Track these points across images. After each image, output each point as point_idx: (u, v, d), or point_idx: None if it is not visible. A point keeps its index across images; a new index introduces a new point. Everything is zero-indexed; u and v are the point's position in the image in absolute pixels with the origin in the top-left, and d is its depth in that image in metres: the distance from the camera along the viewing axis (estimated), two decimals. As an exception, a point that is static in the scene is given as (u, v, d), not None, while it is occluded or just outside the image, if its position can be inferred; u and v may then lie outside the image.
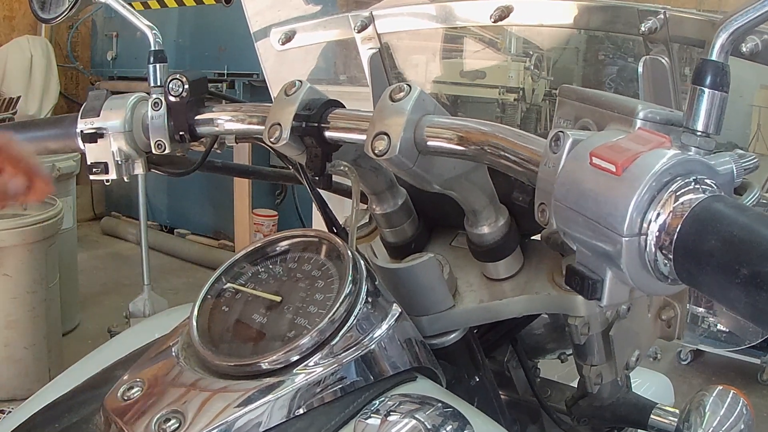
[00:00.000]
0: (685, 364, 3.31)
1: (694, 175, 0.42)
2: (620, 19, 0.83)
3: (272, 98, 0.73)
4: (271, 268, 0.65)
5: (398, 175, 0.63)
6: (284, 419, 0.55)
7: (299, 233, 0.66)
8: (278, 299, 0.61)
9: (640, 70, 0.82)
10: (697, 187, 0.42)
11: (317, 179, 0.67)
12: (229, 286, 0.65)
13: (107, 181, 0.79)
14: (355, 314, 0.58)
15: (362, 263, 0.61)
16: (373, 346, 0.58)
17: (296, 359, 0.56)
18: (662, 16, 0.77)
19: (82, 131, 0.77)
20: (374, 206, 0.75)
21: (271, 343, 0.58)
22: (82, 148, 0.78)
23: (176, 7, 4.28)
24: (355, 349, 0.57)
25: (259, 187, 4.20)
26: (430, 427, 0.51)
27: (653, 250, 0.42)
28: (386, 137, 0.57)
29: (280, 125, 0.65)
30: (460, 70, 2.51)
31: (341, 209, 0.89)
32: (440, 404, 0.54)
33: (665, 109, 0.50)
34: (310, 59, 1.30)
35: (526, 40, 2.78)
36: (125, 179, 0.79)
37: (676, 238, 0.41)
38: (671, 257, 0.41)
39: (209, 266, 4.21)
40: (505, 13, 0.88)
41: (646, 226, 0.42)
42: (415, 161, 0.58)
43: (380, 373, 0.59)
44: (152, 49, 0.82)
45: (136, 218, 4.38)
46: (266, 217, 4.25)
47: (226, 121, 0.74)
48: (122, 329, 3.00)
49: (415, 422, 0.51)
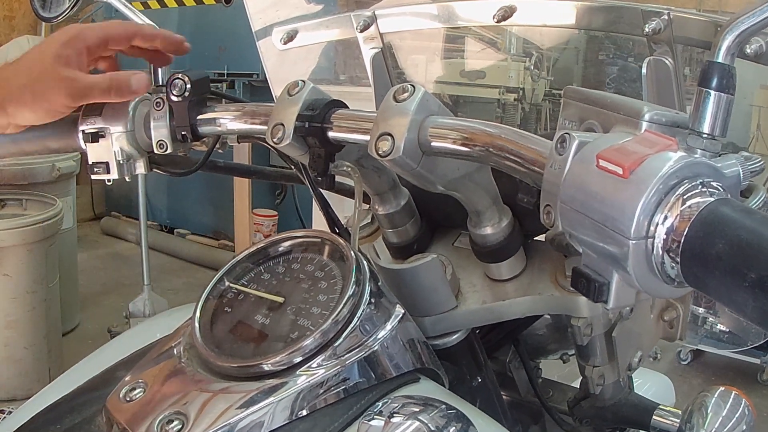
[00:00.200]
0: (685, 364, 3.31)
1: (701, 178, 0.42)
2: (624, 19, 0.83)
3: (274, 98, 0.73)
4: (273, 268, 0.65)
5: (401, 175, 0.63)
6: (287, 421, 0.55)
7: (302, 234, 0.66)
8: (281, 300, 0.61)
9: (643, 71, 0.82)
10: (704, 190, 0.42)
11: (320, 179, 0.67)
12: (231, 286, 0.64)
13: (109, 180, 0.79)
14: (358, 315, 0.58)
15: (365, 264, 0.61)
16: (376, 347, 0.58)
17: (299, 360, 0.56)
18: (666, 16, 0.77)
19: (83, 131, 0.76)
20: (377, 206, 0.75)
21: (273, 344, 0.57)
22: (83, 147, 0.77)
23: (176, 7, 4.27)
24: (358, 350, 0.57)
25: (259, 187, 4.19)
26: (433, 428, 0.51)
27: (660, 253, 0.42)
28: (390, 138, 0.57)
29: (283, 125, 0.64)
30: (460, 70, 2.51)
31: (341, 209, 0.89)
32: (444, 406, 0.54)
33: (671, 111, 0.50)
34: (311, 58, 1.30)
35: (526, 40, 2.78)
36: (127, 179, 0.79)
37: (683, 241, 0.41)
38: (678, 260, 0.41)
39: (209, 266, 4.20)
40: (508, 13, 0.88)
41: (653, 229, 0.41)
42: (419, 162, 0.58)
43: (383, 374, 0.59)
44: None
45: (136, 218, 4.38)
46: (266, 217, 4.25)
47: (228, 120, 0.74)
48: (122, 329, 3.01)
49: (418, 424, 0.51)
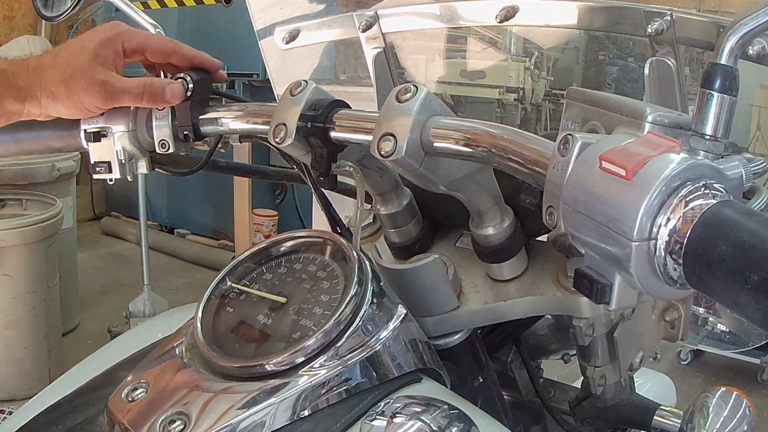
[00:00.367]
0: (685, 364, 3.31)
1: (704, 179, 0.42)
2: (626, 20, 0.83)
3: (276, 97, 0.72)
4: (275, 268, 0.65)
5: (404, 176, 0.63)
6: (289, 421, 0.55)
7: (304, 234, 0.66)
8: (283, 300, 0.61)
9: (646, 71, 0.82)
10: (707, 192, 0.42)
11: (322, 179, 0.67)
12: (233, 286, 0.64)
13: (110, 180, 0.79)
14: (360, 315, 0.58)
15: (367, 264, 0.61)
16: (378, 347, 0.58)
17: (301, 361, 0.56)
18: (669, 17, 0.77)
19: (85, 130, 0.76)
20: (379, 207, 0.75)
21: (276, 344, 0.57)
22: (85, 147, 0.77)
23: (176, 7, 4.27)
24: (360, 350, 0.57)
25: (259, 187, 4.19)
26: (435, 428, 0.51)
27: (663, 254, 0.42)
28: (392, 138, 0.57)
29: (285, 125, 0.65)
30: (460, 69, 2.51)
31: (342, 208, 0.89)
32: (446, 406, 0.54)
33: (673, 112, 0.50)
34: (313, 58, 1.30)
35: (526, 39, 2.78)
36: (129, 178, 0.79)
37: (686, 243, 0.41)
38: (681, 262, 0.41)
39: (209, 266, 4.20)
40: (510, 13, 0.88)
41: (655, 230, 0.41)
42: (421, 162, 0.58)
43: (385, 374, 0.59)
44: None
45: (136, 218, 4.37)
46: (266, 217, 4.25)
47: (230, 120, 0.74)
48: (122, 329, 3.01)
49: (420, 424, 0.51)
